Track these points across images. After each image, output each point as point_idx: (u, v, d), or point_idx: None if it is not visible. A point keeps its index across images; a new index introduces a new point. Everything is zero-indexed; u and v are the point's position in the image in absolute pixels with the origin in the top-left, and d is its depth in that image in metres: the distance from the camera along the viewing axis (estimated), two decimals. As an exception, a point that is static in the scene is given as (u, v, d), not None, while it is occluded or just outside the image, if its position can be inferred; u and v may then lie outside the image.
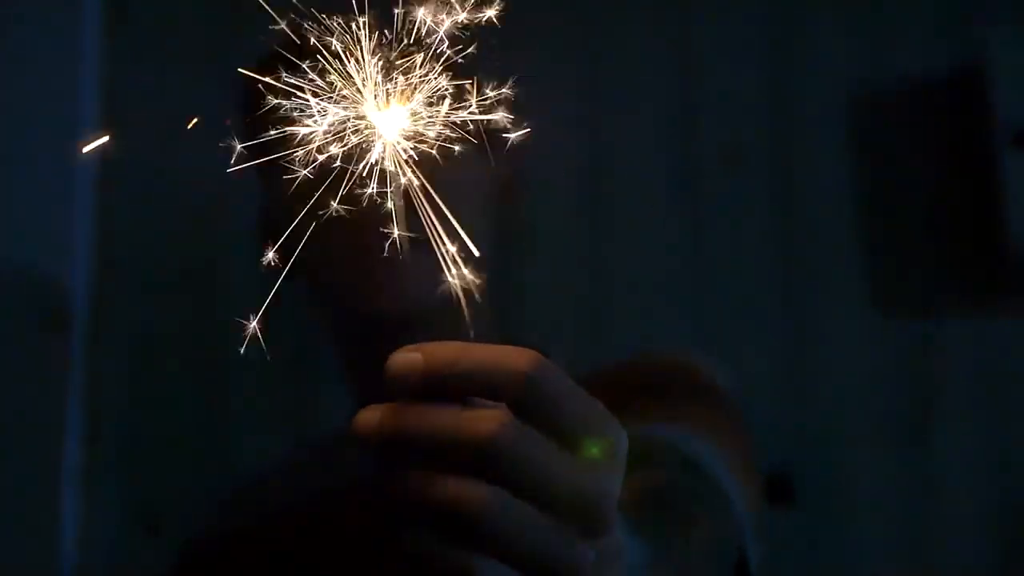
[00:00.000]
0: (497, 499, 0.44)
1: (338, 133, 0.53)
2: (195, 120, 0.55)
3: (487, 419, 0.45)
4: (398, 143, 0.53)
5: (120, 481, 1.27)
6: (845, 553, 1.27)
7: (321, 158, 0.53)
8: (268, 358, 0.54)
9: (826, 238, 1.32)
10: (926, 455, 1.28)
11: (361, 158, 0.53)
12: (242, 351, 0.56)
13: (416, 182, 0.53)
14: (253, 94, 0.99)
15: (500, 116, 0.52)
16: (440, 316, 0.89)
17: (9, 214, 1.20)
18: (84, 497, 1.22)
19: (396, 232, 0.53)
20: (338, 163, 0.53)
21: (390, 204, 0.52)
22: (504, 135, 0.53)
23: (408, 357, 0.46)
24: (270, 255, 1.04)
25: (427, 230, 0.54)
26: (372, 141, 0.53)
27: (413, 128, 0.53)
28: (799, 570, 1.25)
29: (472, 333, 0.48)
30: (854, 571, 1.27)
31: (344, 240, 0.69)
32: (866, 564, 1.27)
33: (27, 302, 1.20)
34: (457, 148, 0.53)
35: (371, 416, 0.46)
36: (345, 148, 0.53)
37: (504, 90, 0.52)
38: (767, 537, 0.87)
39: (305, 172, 0.52)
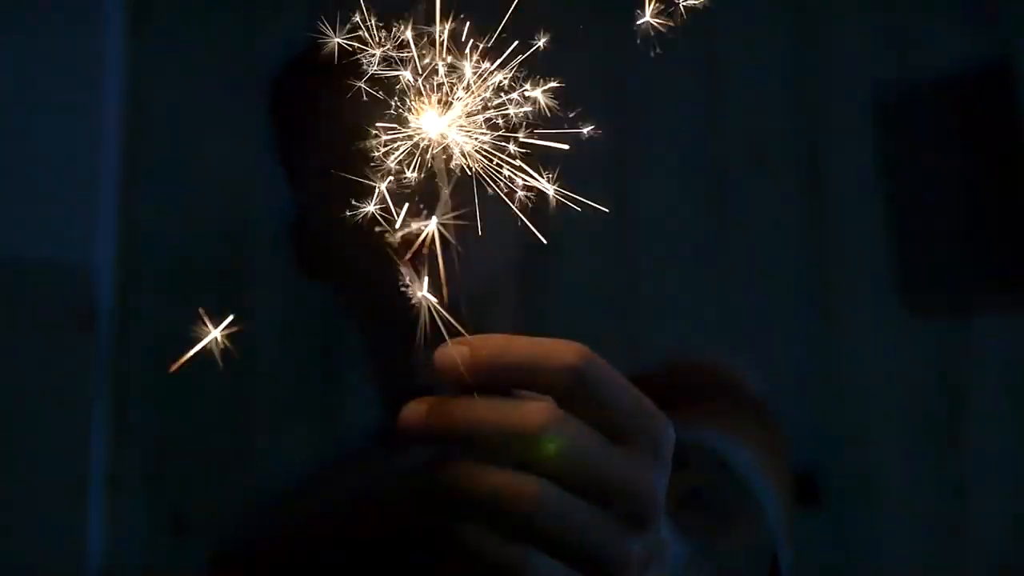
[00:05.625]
0: (547, 493, 0.44)
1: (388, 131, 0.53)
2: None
3: (536, 412, 0.44)
4: (446, 142, 0.53)
5: (147, 482, 1.27)
6: (872, 554, 1.26)
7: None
8: (294, 358, 0.53)
9: (854, 237, 1.31)
10: (955, 455, 1.27)
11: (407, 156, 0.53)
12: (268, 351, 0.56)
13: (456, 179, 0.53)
14: (281, 95, 0.99)
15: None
16: (478, 305, 0.89)
17: (35, 214, 1.21)
18: (111, 498, 1.22)
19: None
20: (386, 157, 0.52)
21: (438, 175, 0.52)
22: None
23: (455, 350, 0.45)
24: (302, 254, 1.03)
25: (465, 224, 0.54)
26: (421, 137, 0.53)
27: (459, 127, 0.53)
28: (825, 571, 1.24)
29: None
30: (880, 572, 1.27)
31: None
32: (893, 565, 1.26)
33: (53, 302, 1.21)
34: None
35: (418, 409, 0.46)
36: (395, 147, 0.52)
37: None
38: (795, 539, 0.87)
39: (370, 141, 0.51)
